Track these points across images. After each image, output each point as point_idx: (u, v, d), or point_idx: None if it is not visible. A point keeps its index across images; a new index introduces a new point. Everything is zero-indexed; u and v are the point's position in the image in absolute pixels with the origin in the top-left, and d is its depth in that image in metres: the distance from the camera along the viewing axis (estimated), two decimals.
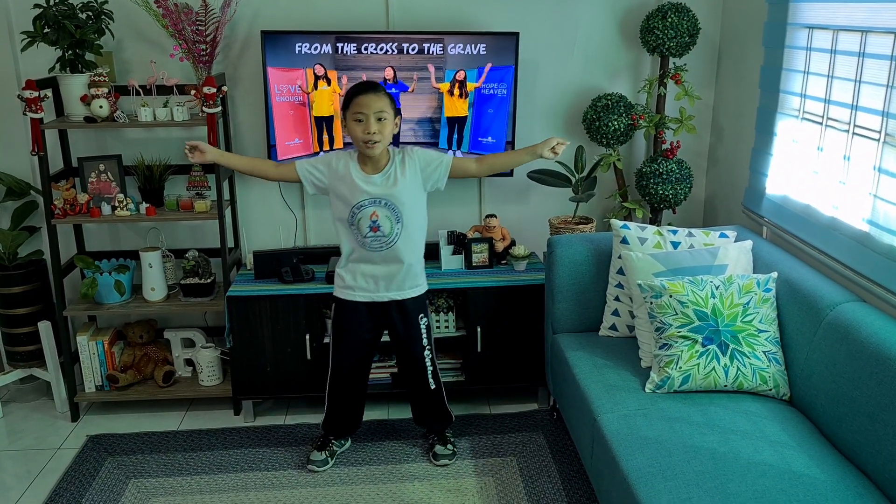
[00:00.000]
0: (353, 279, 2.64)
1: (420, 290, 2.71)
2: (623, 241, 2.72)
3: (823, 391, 2.18)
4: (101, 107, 2.93)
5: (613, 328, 2.80)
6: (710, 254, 2.61)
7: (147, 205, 3.10)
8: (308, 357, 3.08)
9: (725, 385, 2.36)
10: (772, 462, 2.00)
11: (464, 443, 2.95)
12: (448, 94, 3.20)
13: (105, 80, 2.96)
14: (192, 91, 3.00)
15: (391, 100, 2.51)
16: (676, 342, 2.38)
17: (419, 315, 2.72)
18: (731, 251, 2.63)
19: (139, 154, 3.29)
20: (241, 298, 3.03)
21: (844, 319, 2.15)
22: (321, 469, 2.79)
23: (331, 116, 3.19)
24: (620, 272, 2.73)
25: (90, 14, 2.97)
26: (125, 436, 3.05)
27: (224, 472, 2.80)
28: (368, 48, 3.12)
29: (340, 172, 2.56)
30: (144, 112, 2.99)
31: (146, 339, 3.36)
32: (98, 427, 3.15)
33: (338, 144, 3.23)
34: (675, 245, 2.70)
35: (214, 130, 2.96)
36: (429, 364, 2.78)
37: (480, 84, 3.20)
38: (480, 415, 3.18)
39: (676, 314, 2.39)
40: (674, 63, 3.29)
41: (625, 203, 3.40)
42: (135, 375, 3.28)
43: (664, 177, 3.23)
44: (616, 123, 3.23)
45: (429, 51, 3.14)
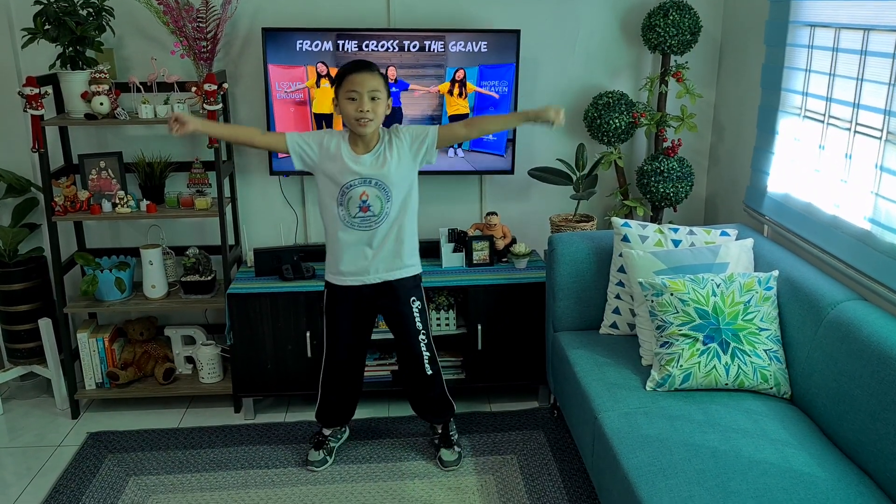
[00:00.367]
0: (343, 263, 2.60)
1: (411, 271, 2.66)
2: (624, 240, 2.71)
3: (824, 390, 2.18)
4: (102, 104, 2.93)
5: (614, 326, 2.80)
6: (712, 252, 2.61)
7: (147, 202, 3.10)
8: (308, 355, 3.08)
9: (726, 383, 2.36)
10: (773, 460, 2.00)
11: (464, 441, 2.95)
12: (448, 95, 3.20)
13: (106, 77, 2.96)
14: (193, 88, 3.00)
15: (384, 79, 2.49)
16: (677, 340, 2.38)
17: (411, 297, 2.67)
18: (733, 249, 2.63)
19: (140, 151, 3.29)
20: (242, 296, 3.03)
21: (845, 318, 2.15)
22: (320, 469, 2.78)
23: (331, 114, 3.19)
24: (621, 270, 2.73)
25: (91, 11, 2.97)
26: (125, 433, 3.06)
27: (224, 470, 2.80)
28: (369, 45, 3.12)
29: (332, 151, 2.52)
30: (145, 109, 2.98)
31: (146, 337, 3.36)
32: (98, 424, 3.15)
33: None
34: (676, 243, 2.70)
35: None
36: (425, 350, 2.72)
37: (484, 91, 3.20)
38: (481, 413, 3.18)
39: (677, 312, 2.38)
40: (675, 61, 3.29)
41: (626, 201, 3.39)
42: (135, 373, 3.28)
43: (665, 175, 3.23)
44: (617, 121, 3.23)
45: (430, 48, 3.14)
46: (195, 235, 3.49)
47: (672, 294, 2.40)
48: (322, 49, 3.11)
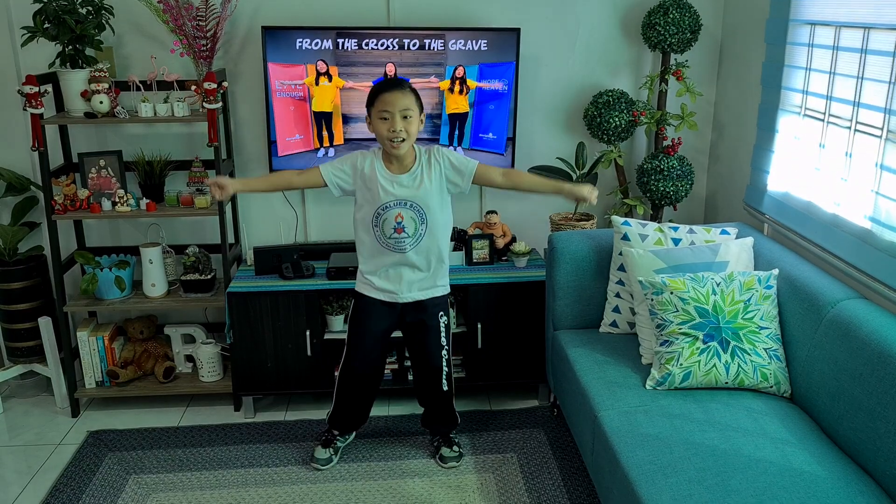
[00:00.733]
0: (376, 278, 2.59)
1: (443, 291, 2.67)
2: (624, 238, 2.71)
3: (824, 388, 2.18)
4: (102, 102, 2.93)
5: (614, 325, 2.80)
6: (712, 250, 2.61)
7: (147, 200, 3.10)
8: (308, 353, 3.08)
9: (726, 382, 2.36)
10: (773, 459, 2.00)
11: (464, 439, 2.95)
12: (448, 92, 3.20)
13: (105, 76, 2.96)
14: (193, 87, 3.00)
15: (417, 96, 2.45)
16: (677, 339, 2.38)
17: (439, 313, 2.68)
18: (733, 248, 2.63)
19: (139, 150, 3.28)
20: (242, 294, 3.03)
21: (846, 316, 2.15)
22: (325, 468, 2.77)
23: (330, 112, 3.19)
24: (621, 269, 2.73)
25: (90, 9, 2.97)
26: (125, 432, 3.06)
27: (224, 468, 2.80)
28: (369, 44, 3.11)
29: (367, 173, 2.50)
30: (145, 108, 2.98)
31: (146, 335, 3.35)
32: (98, 423, 3.15)
33: (337, 141, 3.23)
34: (676, 242, 2.70)
35: (215, 126, 2.95)
36: (444, 365, 2.72)
37: (485, 86, 3.20)
38: (481, 411, 3.18)
39: (677, 311, 2.38)
40: (675, 59, 3.29)
41: (626, 200, 3.39)
42: (135, 371, 3.28)
43: (665, 173, 3.23)
44: (617, 120, 3.22)
45: (429, 46, 3.14)
46: (195, 234, 3.49)
47: (672, 293, 2.40)
48: (322, 47, 3.10)
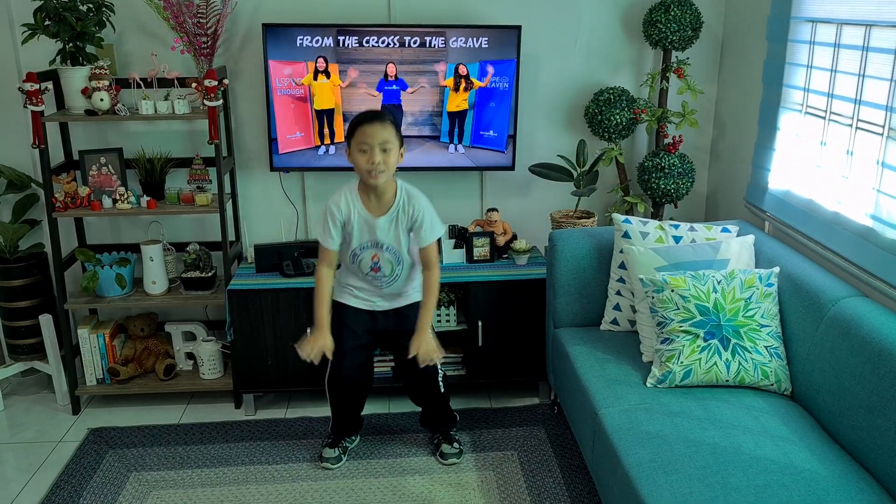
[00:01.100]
0: (355, 289, 2.65)
1: (417, 297, 2.68)
2: (625, 236, 2.71)
3: (825, 386, 2.18)
4: (102, 100, 2.93)
5: (615, 322, 2.80)
6: (712, 248, 2.61)
7: (148, 198, 3.10)
8: None
9: (727, 380, 2.35)
10: (773, 457, 2.00)
11: (465, 437, 2.95)
12: (453, 91, 3.19)
13: (106, 73, 2.95)
14: (194, 84, 2.99)
15: (397, 129, 2.46)
16: (678, 337, 2.38)
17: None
18: (733, 246, 2.63)
19: (140, 147, 3.28)
20: (242, 292, 3.03)
21: (847, 314, 2.15)
22: (335, 466, 2.78)
23: (331, 109, 3.18)
24: (622, 266, 2.73)
25: (91, 6, 2.96)
26: (126, 429, 3.06)
27: (225, 466, 2.81)
28: (370, 41, 3.11)
29: (346, 217, 2.53)
30: (145, 105, 2.98)
31: (147, 333, 3.36)
32: (99, 420, 3.15)
33: (338, 138, 3.23)
34: (677, 239, 2.70)
35: (215, 124, 2.95)
36: (438, 367, 2.72)
37: (487, 83, 3.19)
38: (481, 409, 3.18)
39: (678, 309, 2.38)
40: (676, 57, 3.28)
41: (626, 197, 3.39)
42: (136, 369, 3.28)
43: (666, 171, 3.23)
44: (618, 117, 3.22)
45: (430, 44, 3.13)
46: (196, 231, 3.49)
47: (673, 290, 2.40)
48: (322, 45, 3.10)
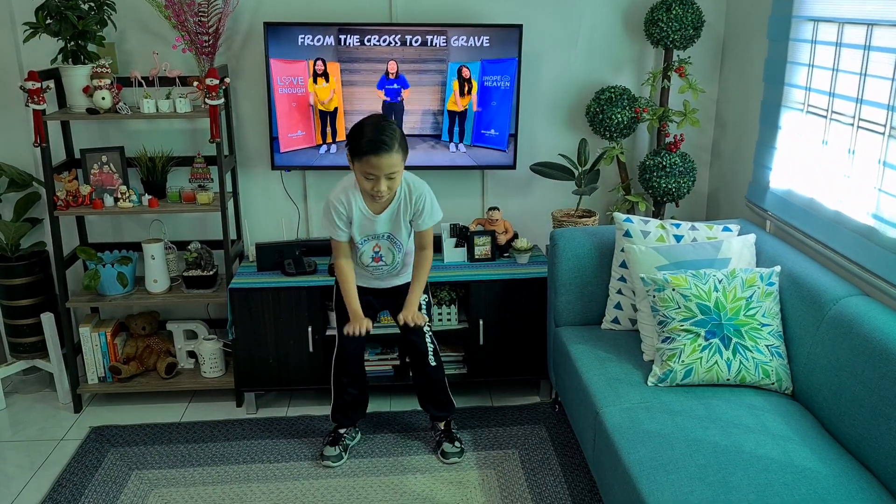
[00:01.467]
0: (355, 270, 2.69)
1: None
2: (626, 235, 2.71)
3: (826, 385, 2.18)
4: (104, 98, 2.93)
5: (616, 321, 2.80)
6: (714, 247, 2.61)
7: (149, 196, 3.10)
8: (310, 349, 3.08)
9: (728, 379, 2.36)
10: (774, 456, 2.00)
11: (466, 435, 2.95)
12: (456, 93, 3.20)
13: (107, 72, 2.95)
14: (195, 83, 2.99)
15: (403, 149, 2.44)
16: (679, 336, 2.38)
17: None
18: (735, 245, 2.62)
19: (142, 146, 3.29)
20: (244, 290, 3.03)
21: (848, 314, 2.15)
22: (336, 464, 2.78)
23: (334, 110, 3.18)
24: (623, 265, 2.73)
25: (92, 5, 2.96)
26: (127, 427, 3.06)
27: (226, 464, 2.81)
28: (371, 40, 3.11)
29: (348, 212, 2.56)
30: (147, 104, 2.98)
31: (149, 331, 3.36)
32: (100, 418, 3.15)
33: (340, 137, 3.23)
34: (678, 238, 2.70)
35: (217, 122, 2.95)
36: (429, 342, 2.79)
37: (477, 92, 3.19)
38: (482, 407, 3.19)
39: (679, 308, 2.38)
40: (678, 56, 3.28)
41: (628, 196, 3.39)
42: (137, 367, 3.29)
43: (667, 170, 3.22)
44: (619, 116, 3.22)
45: (432, 43, 3.13)
46: (197, 230, 3.49)
47: (674, 289, 2.40)
48: (324, 44, 3.10)
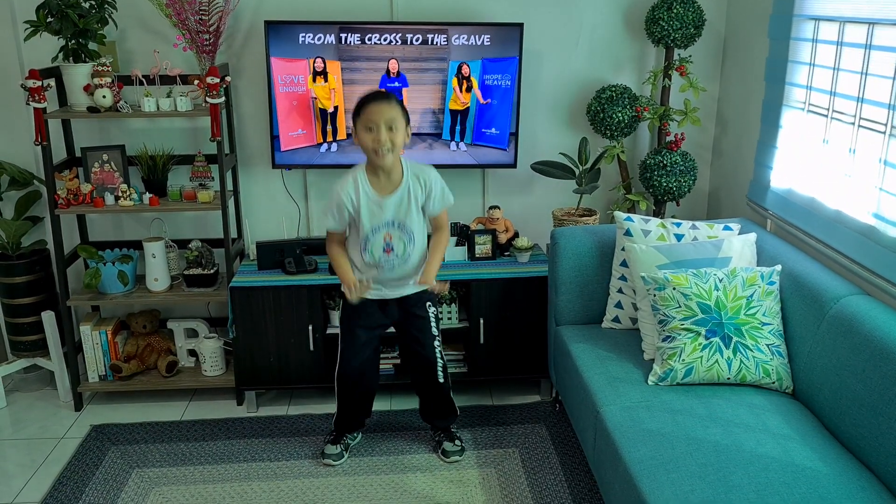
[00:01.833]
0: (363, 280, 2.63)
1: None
2: (627, 234, 2.71)
3: (827, 384, 2.18)
4: (105, 97, 2.93)
5: (616, 320, 2.80)
6: (714, 246, 2.61)
7: (150, 195, 3.10)
8: (311, 348, 3.08)
9: (728, 378, 2.36)
10: (774, 455, 2.00)
11: (466, 434, 2.96)
12: (457, 90, 3.19)
13: (108, 70, 2.96)
14: (196, 81, 2.99)
15: (403, 109, 2.46)
16: (679, 335, 2.38)
17: (427, 303, 2.72)
18: (735, 244, 2.62)
19: (142, 144, 3.29)
20: (245, 289, 3.03)
21: (848, 313, 2.15)
22: (337, 463, 2.78)
23: (335, 108, 3.18)
24: (624, 264, 2.73)
25: (93, 3, 2.97)
26: (128, 425, 3.06)
27: (227, 462, 2.81)
28: (372, 38, 3.11)
29: (354, 200, 2.52)
30: (148, 102, 2.98)
31: (149, 330, 3.36)
32: (101, 417, 3.16)
33: (340, 136, 3.23)
34: (679, 237, 2.70)
35: (218, 121, 2.95)
36: (439, 357, 2.75)
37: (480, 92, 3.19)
38: (483, 406, 3.19)
39: (680, 307, 2.38)
40: (679, 54, 3.28)
41: (628, 195, 3.39)
42: (138, 365, 3.29)
43: (668, 169, 3.22)
44: (620, 115, 3.22)
45: (432, 41, 3.13)
46: (198, 228, 3.50)
47: (674, 288, 2.40)
48: (325, 42, 3.10)
